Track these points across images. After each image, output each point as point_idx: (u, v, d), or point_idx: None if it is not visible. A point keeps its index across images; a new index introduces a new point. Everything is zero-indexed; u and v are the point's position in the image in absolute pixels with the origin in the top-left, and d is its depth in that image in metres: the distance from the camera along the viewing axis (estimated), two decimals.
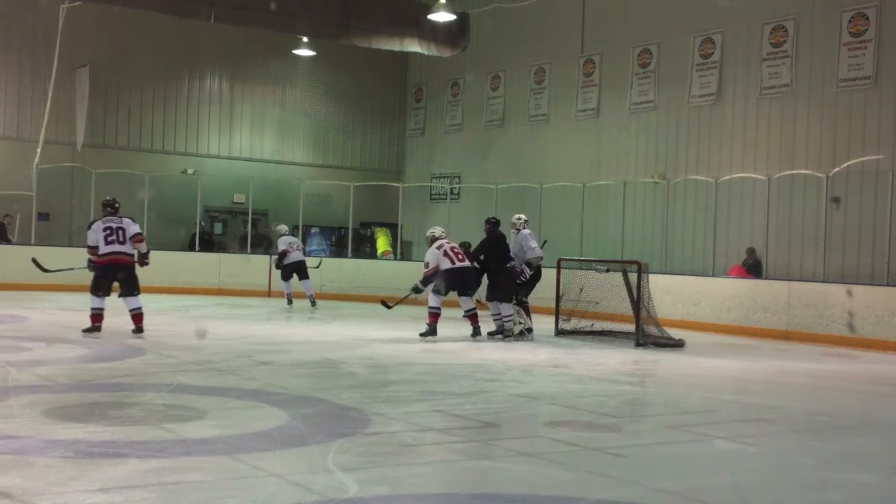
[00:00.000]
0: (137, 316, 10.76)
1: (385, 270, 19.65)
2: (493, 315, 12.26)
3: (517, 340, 12.02)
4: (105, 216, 10.92)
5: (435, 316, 11.82)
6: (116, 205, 11.05)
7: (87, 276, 11.12)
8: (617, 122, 19.32)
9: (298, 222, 20.78)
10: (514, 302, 12.25)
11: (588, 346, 11.84)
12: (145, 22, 20.30)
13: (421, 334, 11.74)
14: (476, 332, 11.96)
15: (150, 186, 19.84)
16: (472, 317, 12.04)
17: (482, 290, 12.89)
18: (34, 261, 11.82)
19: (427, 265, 11.96)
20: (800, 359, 11.46)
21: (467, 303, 12.08)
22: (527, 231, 12.64)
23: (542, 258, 12.50)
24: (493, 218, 12.58)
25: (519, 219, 12.76)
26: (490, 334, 12.11)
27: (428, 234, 12.42)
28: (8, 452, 5.02)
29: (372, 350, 10.60)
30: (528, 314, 12.40)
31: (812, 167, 15.49)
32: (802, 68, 16.10)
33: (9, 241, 18.68)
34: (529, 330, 12.26)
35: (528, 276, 12.32)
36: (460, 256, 11.94)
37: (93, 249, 10.73)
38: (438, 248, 11.99)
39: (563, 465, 5.33)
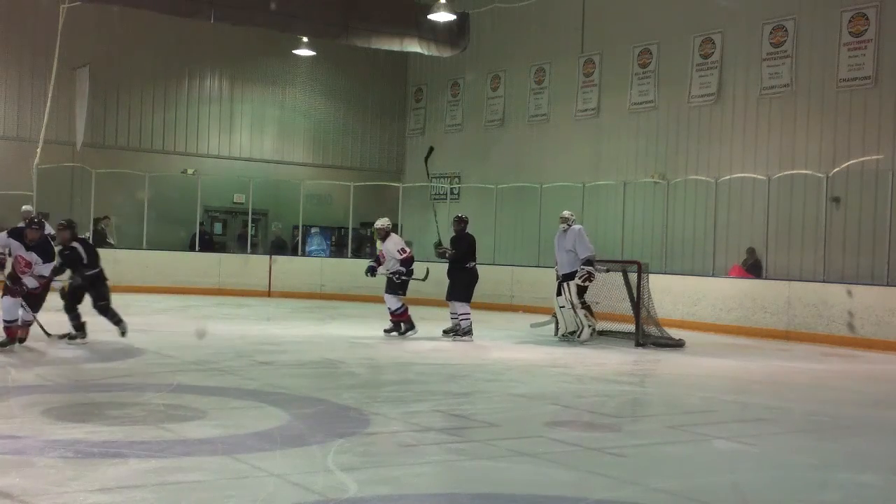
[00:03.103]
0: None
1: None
2: (451, 314, 12.07)
3: (588, 341, 11.83)
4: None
5: (405, 314, 11.81)
6: None
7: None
8: (617, 122, 19.32)
9: (299, 222, 20.80)
10: (581, 305, 11.95)
11: (588, 346, 11.83)
12: (145, 22, 20.28)
13: (400, 333, 11.72)
14: (394, 330, 11.82)
15: (150, 186, 19.84)
16: (402, 314, 11.90)
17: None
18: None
19: (404, 250, 11.83)
20: (800, 359, 11.46)
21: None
22: (579, 226, 12.26)
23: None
24: (466, 217, 12.40)
25: (572, 214, 12.37)
26: (445, 332, 11.96)
27: (386, 224, 12.05)
28: (8, 452, 5.02)
29: (372, 350, 10.60)
30: (592, 314, 12.20)
31: (812, 167, 15.48)
32: (802, 68, 16.10)
33: (110, 245, 19.09)
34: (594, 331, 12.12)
35: (594, 277, 11.98)
36: None
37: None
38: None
39: (563, 465, 5.32)
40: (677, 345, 11.98)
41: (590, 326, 12.03)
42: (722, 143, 17.27)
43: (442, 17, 18.36)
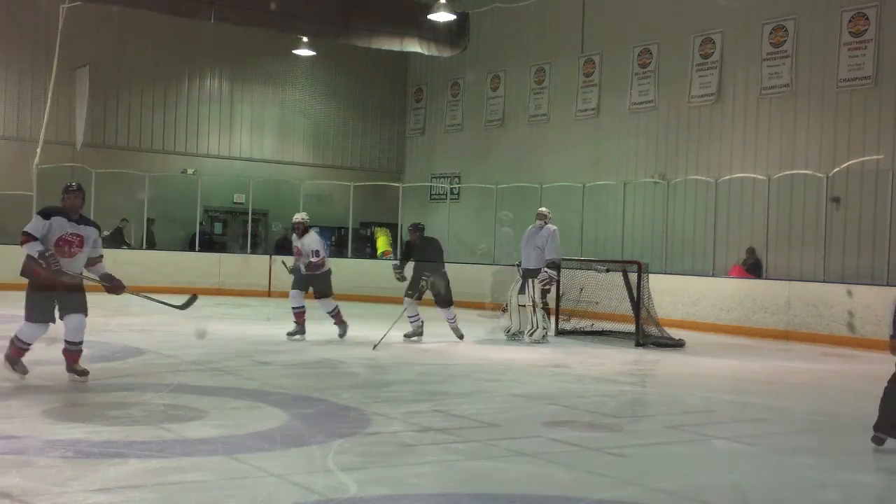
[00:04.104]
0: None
1: (385, 270, 19.60)
2: (410, 316, 11.62)
3: (538, 343, 11.73)
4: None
5: (339, 313, 11.52)
6: None
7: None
8: (617, 122, 19.32)
9: None
10: (542, 306, 11.85)
11: (588, 346, 11.83)
12: (145, 22, 20.29)
13: (289, 333, 11.39)
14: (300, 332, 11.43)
15: (150, 186, 19.84)
16: (338, 314, 11.58)
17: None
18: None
19: (317, 254, 11.32)
20: (800, 359, 11.46)
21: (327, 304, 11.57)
22: (555, 227, 12.15)
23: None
24: (422, 224, 12.08)
25: (550, 212, 12.32)
26: (460, 337, 11.70)
27: (305, 218, 11.66)
28: (8, 452, 5.02)
29: (372, 350, 10.59)
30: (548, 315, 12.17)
31: (812, 167, 15.48)
32: (802, 68, 16.09)
33: (129, 245, 19.60)
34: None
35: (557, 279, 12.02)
36: None
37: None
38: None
39: (563, 465, 5.33)
40: (677, 345, 11.98)
41: (544, 328, 11.86)
42: (722, 143, 17.27)
43: (442, 17, 18.35)
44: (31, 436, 5.40)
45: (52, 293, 7.24)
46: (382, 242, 22.25)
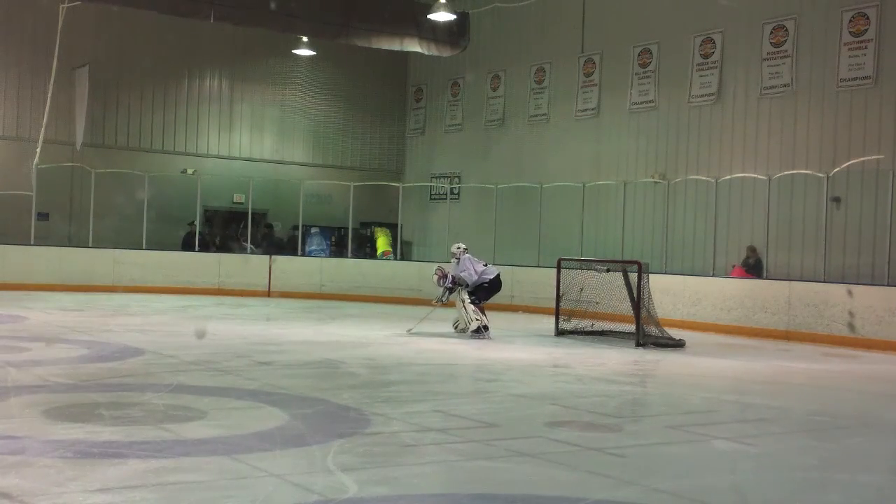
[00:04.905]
0: None
1: (385, 270, 19.65)
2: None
3: (475, 337, 12.08)
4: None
5: None
6: None
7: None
8: (617, 122, 19.31)
9: (298, 222, 20.79)
10: (471, 301, 12.42)
11: (588, 346, 11.83)
12: (145, 22, 20.29)
13: None
14: None
15: (150, 186, 19.84)
16: None
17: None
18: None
19: None
20: (800, 359, 11.46)
21: None
22: (465, 257, 12.80)
23: (468, 285, 12.61)
24: None
25: (458, 247, 12.94)
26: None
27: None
28: (8, 452, 5.02)
29: (372, 350, 10.59)
30: (483, 313, 12.46)
31: (812, 167, 15.48)
32: (803, 68, 16.09)
33: None
34: (486, 328, 12.30)
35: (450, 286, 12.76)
36: None
37: None
38: None
39: (563, 465, 5.32)
40: (677, 345, 11.98)
41: (477, 321, 12.28)
42: (722, 143, 17.27)
43: (442, 16, 18.37)
44: (31, 436, 5.40)
45: None
46: (382, 242, 22.26)
